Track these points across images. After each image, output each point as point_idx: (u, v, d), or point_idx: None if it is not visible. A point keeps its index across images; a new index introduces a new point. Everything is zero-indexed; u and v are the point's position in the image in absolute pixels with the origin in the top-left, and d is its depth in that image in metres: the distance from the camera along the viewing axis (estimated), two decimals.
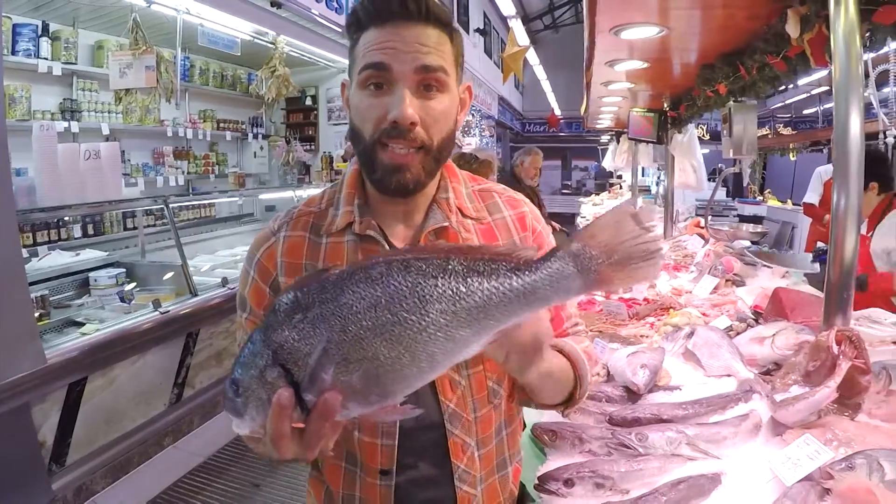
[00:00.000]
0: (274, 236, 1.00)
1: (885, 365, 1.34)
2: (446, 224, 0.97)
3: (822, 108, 10.63)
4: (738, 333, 1.85)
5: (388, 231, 0.98)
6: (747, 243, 3.30)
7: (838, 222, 1.35)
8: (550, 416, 1.41)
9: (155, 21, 4.12)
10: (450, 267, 0.66)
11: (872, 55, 2.08)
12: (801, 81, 8.75)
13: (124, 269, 3.58)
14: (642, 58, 2.77)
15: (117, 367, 2.91)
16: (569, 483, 1.09)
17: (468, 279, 0.66)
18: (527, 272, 0.66)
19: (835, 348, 1.27)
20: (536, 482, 1.13)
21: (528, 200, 1.10)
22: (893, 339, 1.56)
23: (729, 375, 1.58)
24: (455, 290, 0.65)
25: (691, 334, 1.80)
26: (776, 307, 1.85)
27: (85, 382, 2.72)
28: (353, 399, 0.65)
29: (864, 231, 2.97)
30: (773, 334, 1.61)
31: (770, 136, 11.16)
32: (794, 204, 8.48)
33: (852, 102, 1.27)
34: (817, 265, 2.78)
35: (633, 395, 1.48)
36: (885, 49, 2.00)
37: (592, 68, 3.23)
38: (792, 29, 1.54)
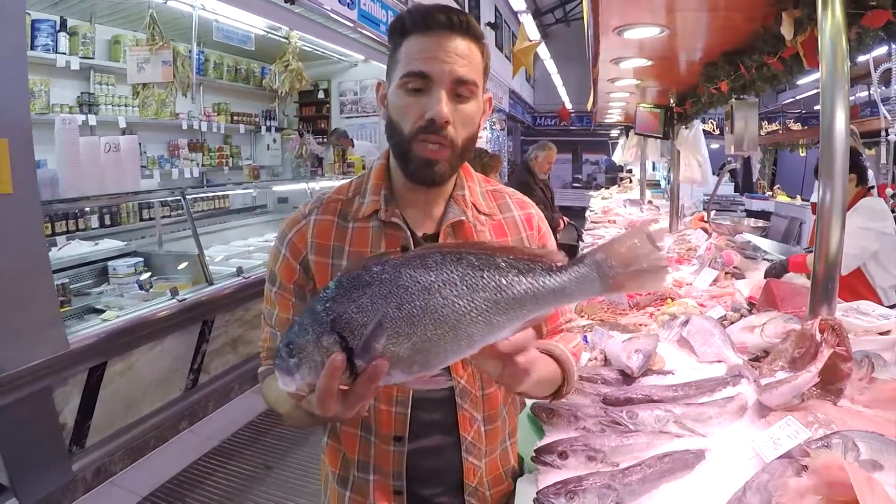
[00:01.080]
0: (305, 219, 1.10)
1: (868, 353, 1.40)
2: (463, 218, 1.08)
3: None
4: (731, 323, 1.92)
5: (411, 220, 1.08)
6: (748, 238, 3.35)
7: (823, 216, 1.41)
8: None
9: (171, 17, 4.21)
10: (495, 262, 0.77)
11: (873, 55, 2.13)
12: (809, 78, 8.71)
13: (142, 259, 3.68)
14: (646, 56, 2.83)
15: (136, 353, 3.02)
16: (563, 455, 1.17)
17: (509, 274, 0.77)
18: (558, 273, 0.78)
19: (818, 336, 1.33)
20: (533, 454, 1.20)
21: (534, 204, 1.23)
22: (879, 330, 1.62)
23: (720, 361, 1.64)
24: (498, 282, 0.76)
25: (686, 322, 1.87)
26: (768, 298, 1.92)
27: (105, 367, 2.83)
28: (397, 367, 0.74)
29: None
30: (763, 323, 1.67)
31: (780, 132, 11.11)
32: (803, 200, 8.47)
33: (838, 101, 1.33)
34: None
35: (627, 378, 1.56)
36: (882, 49, 2.05)
37: (598, 65, 3.29)
38: (786, 31, 1.60)
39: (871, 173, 3.30)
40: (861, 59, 2.12)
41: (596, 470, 1.14)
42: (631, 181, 8.99)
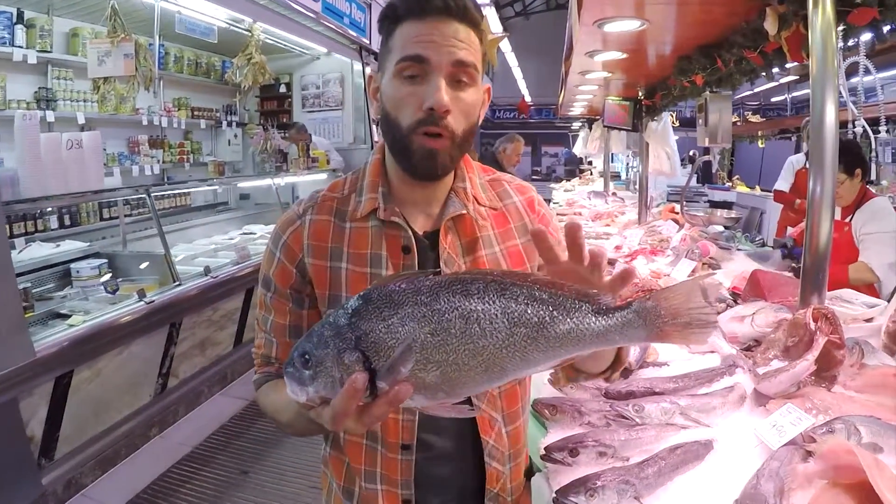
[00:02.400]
0: (299, 219, 1.05)
1: (857, 340, 1.45)
2: (464, 212, 1.04)
3: (790, 97, 10.87)
4: (718, 313, 1.96)
5: (410, 217, 1.04)
6: (721, 228, 3.42)
7: (814, 208, 1.45)
8: (549, 392, 1.50)
9: (132, 8, 4.08)
10: (539, 297, 0.73)
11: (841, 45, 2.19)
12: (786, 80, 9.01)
13: (106, 260, 3.56)
14: (621, 49, 2.84)
15: (103, 359, 2.91)
16: (574, 452, 1.16)
17: (553, 311, 0.73)
18: (604, 317, 0.74)
19: (812, 325, 1.37)
20: (543, 453, 1.19)
21: (533, 187, 1.19)
22: (865, 318, 1.67)
23: (713, 352, 1.67)
24: (540, 318, 0.72)
25: None
26: (754, 288, 1.96)
27: (72, 375, 2.72)
28: (421, 392, 0.71)
29: (837, 216, 3.10)
30: (753, 313, 1.70)
31: (739, 124, 11.40)
32: (762, 190, 8.71)
33: (828, 95, 1.36)
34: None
35: (625, 370, 1.57)
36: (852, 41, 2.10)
37: (572, 58, 3.30)
38: (770, 26, 1.63)
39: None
40: None
41: (608, 465, 1.14)
42: (592, 173, 9.09)
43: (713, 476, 1.12)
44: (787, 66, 1.73)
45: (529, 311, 0.72)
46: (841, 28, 1.41)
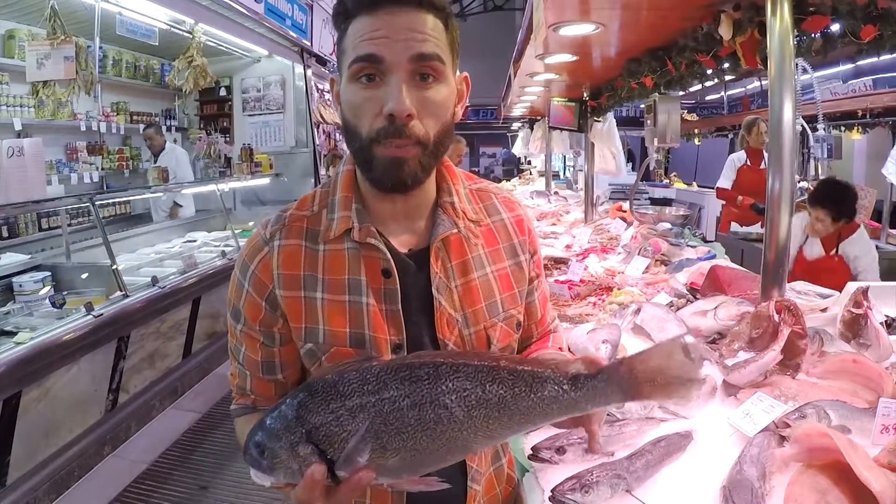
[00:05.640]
0: (267, 245, 0.94)
1: (817, 330, 1.53)
2: (455, 231, 0.95)
3: (726, 95, 11.27)
4: (678, 309, 2.02)
5: (390, 235, 0.95)
6: (668, 226, 3.54)
7: (773, 205, 1.52)
8: None
9: (71, 9, 3.90)
10: (498, 375, 0.71)
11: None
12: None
13: (49, 272, 3.40)
14: (572, 51, 2.89)
15: (52, 377, 2.78)
16: (560, 450, 1.19)
17: (515, 389, 0.71)
18: (572, 390, 0.72)
19: (776, 317, 1.44)
20: (530, 453, 1.22)
21: (521, 203, 1.10)
22: (821, 308, 1.76)
23: None
24: (500, 398, 0.70)
25: (638, 311, 1.95)
26: (713, 283, 2.04)
27: (20, 396, 2.58)
28: (384, 475, 0.70)
29: (821, 252, 3.40)
30: (715, 307, 1.78)
31: None
32: (700, 186, 9.04)
33: (786, 97, 1.44)
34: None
35: None
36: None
37: (522, 61, 3.35)
38: (724, 31, 1.70)
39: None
40: None
41: (593, 461, 1.17)
42: (531, 173, 9.19)
43: (696, 465, 1.17)
44: (740, 68, 1.81)
45: (488, 392, 0.70)
46: (795, 35, 1.49)
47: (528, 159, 9.97)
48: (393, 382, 0.69)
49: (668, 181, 9.87)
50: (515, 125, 10.71)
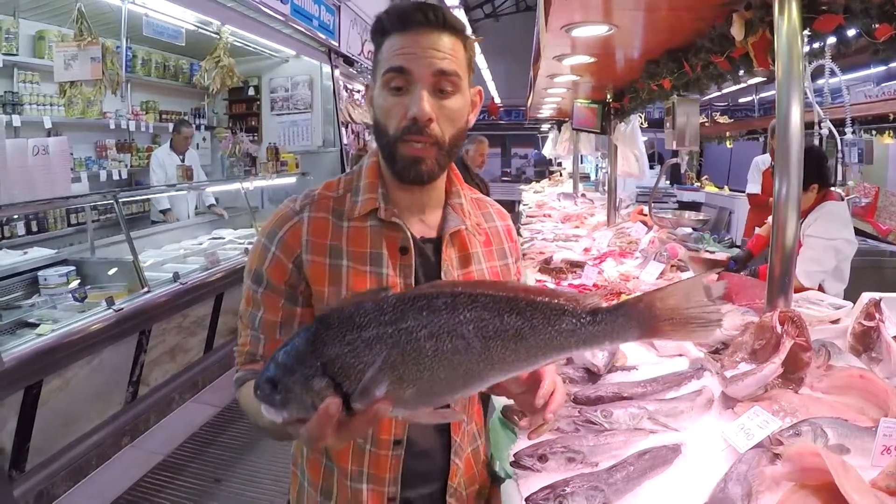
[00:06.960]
0: (297, 216, 1.05)
1: (823, 342, 1.47)
2: (462, 227, 1.10)
3: (758, 98, 11.00)
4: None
5: (405, 221, 1.06)
6: (689, 230, 3.46)
7: (779, 211, 1.47)
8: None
9: (99, 11, 4.00)
10: (516, 305, 0.70)
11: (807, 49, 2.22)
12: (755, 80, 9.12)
13: (74, 267, 3.47)
14: (589, 53, 2.86)
15: (73, 368, 2.85)
16: (543, 458, 1.16)
17: (533, 320, 0.70)
18: (591, 324, 0.71)
19: (778, 328, 1.39)
20: (512, 459, 1.19)
21: (508, 214, 1.27)
22: (831, 319, 1.69)
23: (681, 355, 1.69)
24: (518, 329, 0.69)
25: None
26: None
27: (41, 385, 2.65)
28: (400, 406, 0.69)
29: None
30: None
31: (707, 124, 11.54)
32: (731, 190, 8.83)
33: (793, 99, 1.39)
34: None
35: (593, 375, 1.57)
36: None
37: (541, 62, 3.31)
38: (737, 32, 1.65)
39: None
40: None
41: (577, 471, 1.14)
42: (561, 175, 9.11)
43: (681, 480, 1.13)
44: (754, 70, 1.75)
45: (506, 322, 0.69)
46: (807, 33, 1.43)
47: (558, 161, 9.89)
48: (410, 312, 0.68)
49: (699, 184, 9.68)
50: (545, 126, 10.62)
